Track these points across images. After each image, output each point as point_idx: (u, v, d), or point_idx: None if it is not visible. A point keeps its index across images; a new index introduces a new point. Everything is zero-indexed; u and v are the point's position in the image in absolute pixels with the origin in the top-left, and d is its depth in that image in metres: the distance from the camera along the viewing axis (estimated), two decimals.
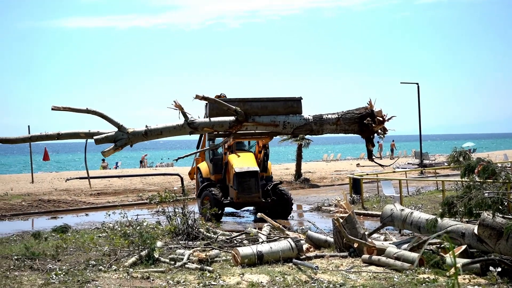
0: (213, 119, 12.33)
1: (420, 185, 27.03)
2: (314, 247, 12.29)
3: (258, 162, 19.80)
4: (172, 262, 10.81)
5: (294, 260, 10.67)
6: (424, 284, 8.82)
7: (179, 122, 12.20)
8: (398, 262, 10.01)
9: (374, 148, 12.68)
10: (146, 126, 12.17)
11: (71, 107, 12.13)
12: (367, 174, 25.53)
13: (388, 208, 12.48)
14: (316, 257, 11.30)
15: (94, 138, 11.99)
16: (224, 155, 19.95)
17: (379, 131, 12.09)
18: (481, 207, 9.58)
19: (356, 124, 12.09)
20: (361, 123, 12.00)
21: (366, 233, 12.10)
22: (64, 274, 9.92)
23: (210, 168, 20.58)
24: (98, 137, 12.01)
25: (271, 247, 11.04)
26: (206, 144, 20.59)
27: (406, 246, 10.89)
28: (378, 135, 12.24)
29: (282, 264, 10.63)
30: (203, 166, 20.96)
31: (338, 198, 13.38)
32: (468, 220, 11.16)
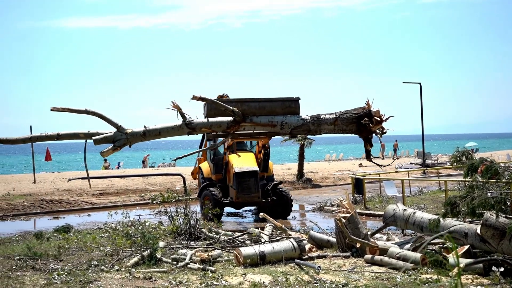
0: (211, 120, 12.32)
1: (422, 185, 27.00)
2: (316, 247, 12.27)
3: (258, 162, 19.79)
4: (174, 262, 10.80)
5: (297, 260, 10.65)
6: (426, 284, 8.80)
7: (177, 122, 12.19)
8: (401, 262, 9.98)
9: (374, 148, 12.66)
10: (144, 127, 12.17)
11: (70, 108, 12.14)
12: (370, 174, 25.50)
13: (390, 208, 12.45)
14: (318, 257, 11.28)
15: (93, 138, 12.01)
16: (224, 155, 19.96)
17: (377, 131, 12.09)
18: (484, 207, 9.56)
19: (354, 124, 12.08)
20: (358, 123, 12.00)
21: (369, 233, 12.08)
22: (66, 274, 9.91)
23: (211, 168, 20.59)
24: (97, 137, 12.03)
25: (274, 247, 11.02)
26: (207, 144, 20.59)
27: (408, 246, 10.87)
28: (376, 135, 12.23)
29: (285, 264, 10.61)
30: (205, 166, 20.98)
31: (341, 198, 13.38)
32: (471, 220, 11.14)
